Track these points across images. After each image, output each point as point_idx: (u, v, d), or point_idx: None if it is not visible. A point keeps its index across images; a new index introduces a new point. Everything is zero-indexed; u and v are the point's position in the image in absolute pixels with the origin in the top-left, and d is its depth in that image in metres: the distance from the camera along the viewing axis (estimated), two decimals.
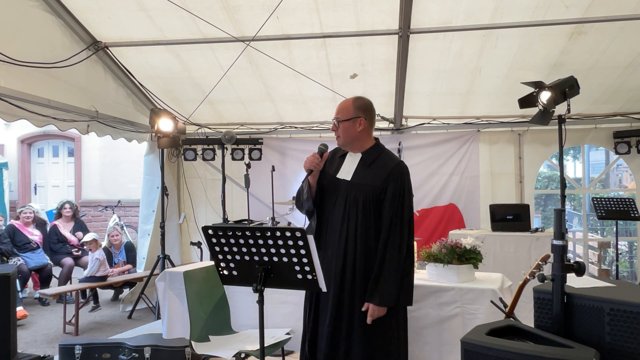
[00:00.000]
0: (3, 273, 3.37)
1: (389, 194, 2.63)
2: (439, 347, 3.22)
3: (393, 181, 2.64)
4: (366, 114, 2.74)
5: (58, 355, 3.77)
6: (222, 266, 2.32)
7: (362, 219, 2.63)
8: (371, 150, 2.76)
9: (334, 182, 2.76)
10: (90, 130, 5.28)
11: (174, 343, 3.65)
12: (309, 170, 2.70)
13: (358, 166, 2.73)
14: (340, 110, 2.75)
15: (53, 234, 7.02)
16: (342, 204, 2.69)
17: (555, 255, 2.14)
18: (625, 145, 5.88)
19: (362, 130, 2.72)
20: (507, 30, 4.54)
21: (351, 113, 2.72)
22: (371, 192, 2.64)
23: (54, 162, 10.89)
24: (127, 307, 6.15)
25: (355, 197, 2.66)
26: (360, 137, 2.74)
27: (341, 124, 2.72)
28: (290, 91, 5.70)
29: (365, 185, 2.66)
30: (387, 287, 2.54)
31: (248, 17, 4.52)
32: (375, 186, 2.64)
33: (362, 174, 2.70)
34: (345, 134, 2.72)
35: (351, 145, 2.77)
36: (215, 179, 6.59)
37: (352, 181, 2.71)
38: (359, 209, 2.64)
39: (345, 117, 2.72)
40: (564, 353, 1.84)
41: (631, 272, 7.95)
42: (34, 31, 4.40)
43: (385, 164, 2.70)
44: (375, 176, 2.67)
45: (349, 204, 2.67)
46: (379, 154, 2.75)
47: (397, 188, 2.64)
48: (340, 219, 2.67)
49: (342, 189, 2.71)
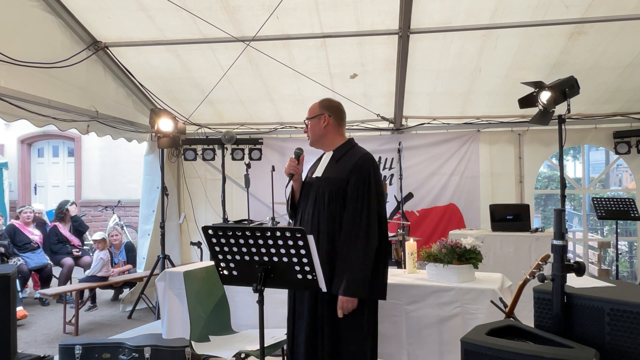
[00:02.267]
0: (3, 273, 3.37)
1: (351, 185, 2.65)
2: (439, 347, 3.22)
3: (357, 172, 2.66)
4: (330, 111, 2.83)
5: (58, 355, 3.77)
6: (222, 266, 2.32)
7: (328, 212, 2.67)
8: (341, 147, 2.83)
9: (310, 182, 2.84)
10: (90, 130, 5.28)
11: (174, 343, 3.64)
12: (289, 174, 2.80)
13: (329, 163, 2.80)
14: (308, 111, 2.88)
15: (53, 234, 7.02)
16: (312, 200, 2.76)
17: (555, 255, 2.13)
18: (625, 145, 5.88)
19: (327, 126, 2.81)
20: (507, 30, 4.54)
21: (316, 111, 2.84)
22: (337, 185, 2.68)
23: (54, 162, 10.90)
24: (127, 307, 6.15)
25: (322, 192, 2.72)
26: (327, 134, 2.82)
27: (310, 122, 2.85)
28: (290, 91, 5.70)
29: (332, 178, 2.72)
30: (352, 277, 2.51)
31: (248, 17, 4.52)
32: (341, 178, 2.69)
33: (331, 169, 2.77)
34: (311, 131, 2.84)
35: (320, 142, 2.86)
36: (215, 179, 6.59)
37: (322, 177, 2.77)
38: (325, 204, 2.70)
39: (311, 115, 2.85)
40: (564, 353, 1.84)
41: (631, 272, 7.95)
42: (34, 31, 4.39)
43: (351, 157, 2.75)
44: (342, 169, 2.72)
45: (317, 200, 2.73)
46: (349, 150, 2.81)
47: (360, 178, 2.65)
48: (311, 216, 2.73)
49: (314, 187, 2.78)
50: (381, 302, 3.05)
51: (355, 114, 6.04)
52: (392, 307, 3.21)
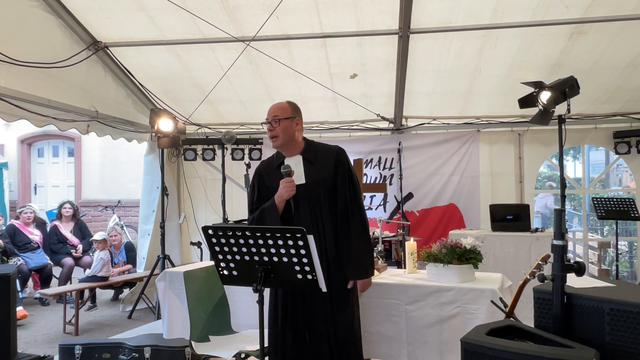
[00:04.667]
0: (3, 273, 3.37)
1: (339, 178, 2.75)
2: (439, 347, 3.22)
3: (340, 165, 2.77)
4: (300, 115, 2.83)
5: (58, 355, 3.78)
6: (222, 266, 2.32)
7: (330, 210, 2.73)
8: (307, 149, 2.82)
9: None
10: (90, 130, 5.28)
11: (174, 343, 3.64)
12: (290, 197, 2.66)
13: (305, 166, 2.77)
14: (278, 109, 2.77)
15: (53, 234, 7.01)
16: (306, 206, 2.72)
17: (555, 255, 2.13)
18: (625, 145, 5.89)
19: (298, 130, 2.79)
20: (507, 30, 4.54)
21: (289, 113, 2.77)
22: (328, 182, 2.74)
23: (54, 162, 10.89)
24: (127, 307, 6.15)
25: (317, 195, 2.72)
26: (297, 137, 2.79)
27: (281, 122, 2.73)
28: (290, 91, 5.69)
29: (320, 179, 2.74)
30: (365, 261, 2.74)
31: (248, 17, 4.52)
32: (329, 176, 2.74)
33: (313, 172, 2.76)
34: (284, 132, 2.74)
35: (287, 146, 2.78)
36: (215, 179, 6.59)
37: (308, 182, 2.74)
38: (323, 204, 2.72)
39: (284, 116, 2.75)
40: (564, 353, 1.84)
41: (631, 272, 7.94)
42: (34, 31, 4.40)
43: (327, 154, 2.80)
44: (324, 167, 2.76)
45: (313, 204, 2.72)
46: (316, 149, 2.83)
47: (344, 170, 2.76)
48: (310, 221, 2.70)
49: (301, 193, 2.71)
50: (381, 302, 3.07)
51: (355, 114, 6.04)
52: (392, 307, 3.21)
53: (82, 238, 7.15)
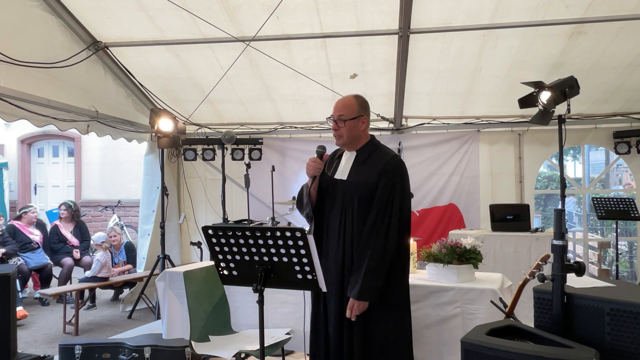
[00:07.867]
0: (3, 273, 3.37)
1: (379, 189, 2.56)
2: (439, 347, 3.22)
3: (385, 175, 2.57)
4: (367, 112, 2.72)
5: (58, 355, 3.77)
6: (222, 266, 2.32)
7: (358, 219, 2.58)
8: (365, 147, 2.71)
9: (333, 184, 2.71)
10: (90, 130, 5.28)
11: (174, 343, 3.65)
12: (312, 176, 2.64)
13: (353, 164, 2.68)
14: (344, 108, 2.65)
15: (54, 234, 7.02)
16: (339, 205, 2.65)
17: (555, 255, 2.14)
18: (625, 145, 5.88)
19: (364, 129, 2.69)
20: (507, 30, 4.54)
21: (356, 111, 2.65)
22: (366, 189, 2.58)
23: (54, 162, 10.89)
24: (127, 307, 6.15)
25: (351, 197, 2.62)
26: (362, 135, 2.70)
27: (347, 123, 2.64)
28: (290, 91, 5.70)
29: (360, 182, 2.61)
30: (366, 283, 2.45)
31: (248, 17, 4.52)
32: (370, 182, 2.59)
33: (357, 172, 2.65)
34: (350, 133, 2.65)
35: (351, 144, 2.71)
36: (215, 179, 6.59)
37: (348, 180, 2.66)
38: (355, 209, 2.59)
39: (350, 116, 2.64)
40: (564, 353, 1.84)
41: (631, 272, 7.94)
42: (34, 31, 4.39)
43: (380, 159, 2.63)
44: (370, 173, 2.61)
45: (345, 205, 2.63)
46: (373, 150, 2.70)
47: (388, 183, 2.56)
48: (338, 221, 2.64)
49: (339, 190, 2.66)
50: None
51: None
52: None
53: (82, 240, 7.15)
